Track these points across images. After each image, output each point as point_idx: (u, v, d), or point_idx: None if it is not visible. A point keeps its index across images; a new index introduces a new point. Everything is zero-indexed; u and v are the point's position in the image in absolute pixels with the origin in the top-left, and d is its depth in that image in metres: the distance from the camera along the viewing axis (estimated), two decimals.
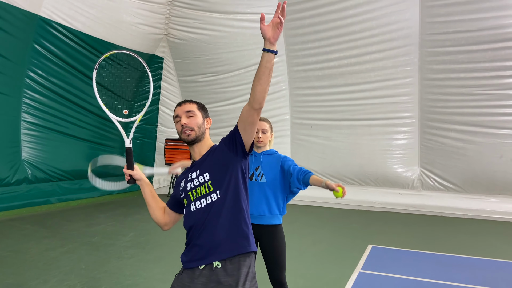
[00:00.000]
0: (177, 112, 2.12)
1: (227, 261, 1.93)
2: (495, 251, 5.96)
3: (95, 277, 4.45)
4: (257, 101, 1.85)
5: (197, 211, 1.98)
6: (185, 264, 2.02)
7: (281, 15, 1.79)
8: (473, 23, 8.35)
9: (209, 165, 2.01)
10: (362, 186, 9.85)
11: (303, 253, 5.59)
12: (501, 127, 8.53)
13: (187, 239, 2.06)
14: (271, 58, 1.82)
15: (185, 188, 2.06)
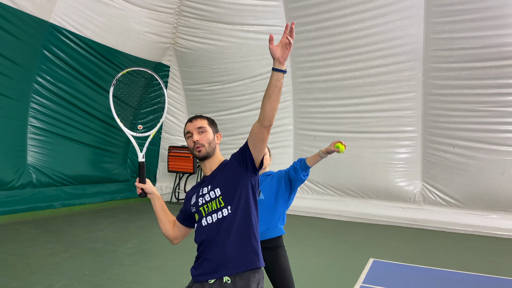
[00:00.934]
0: (188, 128, 2.17)
1: (236, 276, 1.98)
2: (495, 268, 5.97)
3: (98, 283, 4.50)
4: (267, 119, 1.91)
5: (209, 226, 2.03)
6: (195, 278, 2.06)
7: (289, 36, 1.85)
8: (477, 40, 8.44)
9: (220, 180, 2.07)
10: (363, 198, 9.88)
11: (305, 266, 5.62)
12: (504, 144, 8.57)
13: (198, 253, 2.11)
14: (281, 77, 1.88)
15: (196, 203, 2.11)
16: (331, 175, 10.13)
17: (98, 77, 9.57)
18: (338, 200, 10.07)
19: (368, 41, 9.28)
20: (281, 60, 1.86)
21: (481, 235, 8.45)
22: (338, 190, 10.12)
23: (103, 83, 9.72)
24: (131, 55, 10.05)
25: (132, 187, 11.26)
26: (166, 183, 11.84)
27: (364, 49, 9.35)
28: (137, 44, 10.05)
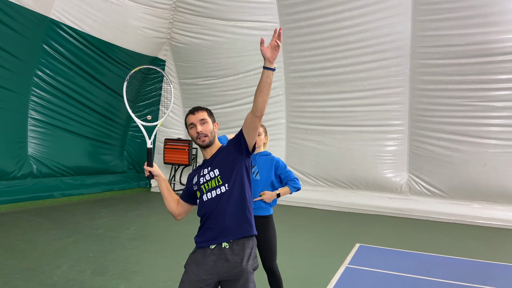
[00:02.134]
0: (191, 120, 2.47)
1: (233, 242, 2.33)
2: (474, 252, 6.40)
3: (103, 264, 4.83)
4: (259, 110, 2.25)
5: (209, 201, 2.37)
6: (198, 244, 2.40)
7: (277, 39, 2.17)
8: (461, 38, 8.83)
9: (218, 162, 2.40)
10: (353, 189, 10.28)
11: (295, 249, 5.98)
12: (486, 137, 9.00)
13: (201, 223, 2.44)
14: (270, 74, 2.21)
15: (198, 182, 2.44)
16: (322, 167, 10.51)
17: (96, 71, 9.82)
18: (328, 191, 10.46)
19: (358, 37, 9.63)
20: (271, 60, 2.18)
21: (463, 223, 8.90)
22: (329, 182, 10.51)
23: (101, 77, 9.98)
24: (128, 49, 10.31)
25: (129, 179, 11.57)
26: None
27: (354, 45, 9.70)
28: (134, 39, 10.31)
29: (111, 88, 10.41)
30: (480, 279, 4.98)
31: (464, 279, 4.92)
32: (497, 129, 8.92)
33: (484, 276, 5.15)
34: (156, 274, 4.59)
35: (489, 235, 7.85)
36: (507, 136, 8.83)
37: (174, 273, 4.63)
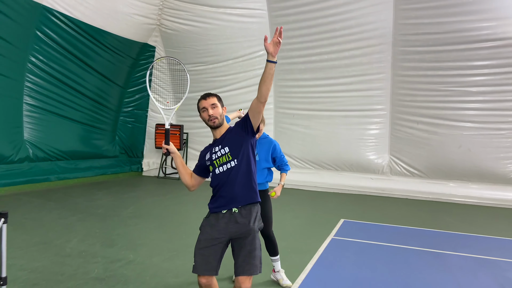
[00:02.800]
0: (203, 104, 2.85)
1: (241, 208, 2.75)
2: (447, 226, 7.00)
3: (110, 238, 5.22)
4: (263, 97, 2.65)
5: (221, 174, 2.78)
6: (212, 209, 2.81)
7: (279, 37, 2.56)
8: (440, 26, 9.32)
9: (228, 141, 2.80)
10: (338, 171, 10.82)
11: (285, 225, 6.46)
12: (461, 120, 9.60)
13: (213, 193, 2.84)
14: (273, 66, 2.60)
15: (210, 158, 2.84)
16: (308, 151, 11.00)
17: (88, 57, 10.00)
18: (315, 172, 10.98)
19: (343, 25, 10.03)
20: (273, 54, 2.57)
21: (440, 201, 9.55)
22: (315, 164, 11.02)
23: (92, 62, 10.16)
24: (119, 36, 10.49)
25: (121, 163, 11.86)
26: (153, 159, 12.46)
27: (339, 33, 10.11)
28: (125, 26, 10.48)
29: (102, 74, 10.60)
30: (451, 247, 5.55)
31: (436, 247, 5.50)
32: (471, 113, 9.52)
33: (454, 244, 5.73)
34: (160, 246, 5.00)
35: (463, 211, 8.49)
36: (481, 119, 9.45)
37: (176, 245, 5.05)
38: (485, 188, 9.48)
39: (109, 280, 3.80)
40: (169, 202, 8.06)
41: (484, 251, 5.43)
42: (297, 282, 3.97)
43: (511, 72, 9.16)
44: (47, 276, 3.84)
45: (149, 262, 4.36)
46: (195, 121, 11.57)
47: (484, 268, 4.69)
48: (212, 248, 2.72)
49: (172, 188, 9.97)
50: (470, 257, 5.12)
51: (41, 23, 8.68)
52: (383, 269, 4.49)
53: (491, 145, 9.42)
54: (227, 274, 4.02)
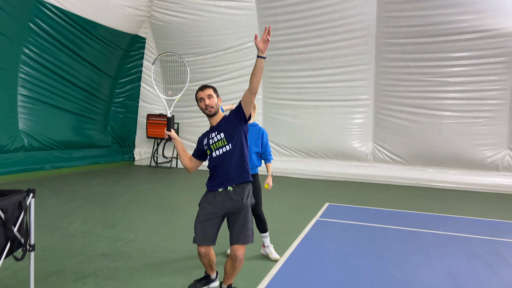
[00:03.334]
0: (200, 95, 3.20)
1: (236, 187, 3.12)
2: (425, 208, 7.50)
3: (110, 221, 5.56)
4: (254, 88, 3.01)
5: (217, 157, 3.14)
6: (209, 188, 3.18)
7: (267, 35, 2.91)
8: (420, 19, 9.75)
9: (224, 128, 3.17)
10: (324, 159, 11.27)
11: (273, 209, 6.86)
12: (441, 109, 10.10)
13: (210, 173, 3.20)
14: (262, 61, 2.95)
15: (208, 143, 3.20)
16: (296, 140, 11.42)
17: (80, 48, 10.18)
18: (302, 160, 11.41)
19: (328, 17, 10.39)
20: (263, 51, 2.92)
21: (420, 186, 10.08)
22: (302, 152, 11.44)
23: (84, 54, 10.35)
24: (110, 27, 10.67)
25: (113, 152, 12.12)
26: (145, 149, 12.74)
27: (325, 25, 10.47)
28: (115, 17, 10.67)
29: (93, 65, 10.80)
30: (426, 226, 6.04)
31: (412, 226, 5.97)
32: (450, 102, 10.02)
33: (429, 224, 6.22)
34: (157, 227, 5.37)
35: (441, 195, 9.02)
36: (459, 108, 9.96)
37: (172, 226, 5.43)
38: (462, 174, 10.04)
39: (113, 256, 4.16)
40: (163, 189, 8.40)
41: (456, 229, 5.92)
42: (284, 256, 4.38)
43: (487, 63, 9.66)
44: (55, 253, 4.18)
45: (149, 241, 4.73)
46: (186, 111, 11.87)
47: (454, 244, 5.18)
48: (210, 221, 3.10)
49: (164, 176, 10.30)
50: (443, 234, 5.61)
51: (34, 16, 8.84)
52: (362, 245, 4.93)
53: (469, 132, 9.95)
54: (221, 250, 4.42)
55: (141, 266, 3.92)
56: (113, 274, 3.68)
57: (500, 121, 9.77)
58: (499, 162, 9.85)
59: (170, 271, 3.83)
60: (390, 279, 3.86)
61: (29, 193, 2.49)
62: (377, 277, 3.91)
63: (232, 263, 3.09)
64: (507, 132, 9.81)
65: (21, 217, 2.39)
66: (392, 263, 4.34)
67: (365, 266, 4.20)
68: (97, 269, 3.80)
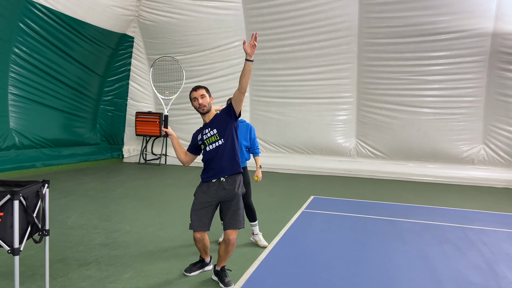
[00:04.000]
0: (194, 95, 3.50)
1: (228, 177, 3.45)
2: (404, 200, 7.94)
3: (105, 214, 5.82)
4: (243, 88, 3.33)
5: (211, 151, 3.46)
6: (204, 179, 3.49)
7: (254, 41, 3.23)
8: (400, 20, 10.19)
9: (216, 124, 3.48)
10: (309, 154, 11.66)
11: (261, 202, 7.19)
12: (420, 106, 10.58)
13: (204, 166, 3.51)
14: (251, 64, 3.27)
15: (202, 138, 3.50)
16: (282, 136, 11.78)
17: (69, 47, 10.34)
18: (288, 156, 11.78)
19: (312, 18, 10.76)
20: (250, 55, 3.24)
21: (400, 179, 10.55)
22: (288, 148, 11.81)
23: (73, 53, 10.51)
24: (99, 27, 10.84)
25: (102, 150, 12.30)
26: (134, 146, 12.94)
27: (310, 25, 10.84)
28: (104, 17, 10.84)
29: (82, 64, 10.96)
30: (403, 215, 6.46)
31: (391, 216, 6.39)
32: (429, 99, 10.51)
33: (407, 213, 6.65)
34: (152, 219, 5.65)
35: (420, 188, 9.49)
36: (437, 105, 10.45)
37: (166, 218, 5.72)
38: (440, 167, 10.54)
39: (112, 245, 4.44)
40: (153, 185, 8.66)
41: (431, 218, 6.36)
42: (272, 243, 4.73)
43: (463, 62, 10.15)
44: (57, 243, 4.44)
45: (145, 232, 5.02)
46: (175, 109, 12.10)
47: (428, 231, 5.60)
48: (204, 209, 3.42)
49: (153, 173, 10.54)
50: (418, 223, 6.03)
51: (24, 16, 8.97)
52: (344, 233, 5.31)
53: (446, 128, 10.46)
54: (213, 238, 4.73)
55: (139, 254, 4.22)
56: (113, 261, 3.97)
57: (475, 117, 10.29)
58: (474, 156, 10.38)
59: (167, 258, 4.14)
60: (368, 262, 4.24)
61: (44, 184, 2.77)
62: (357, 260, 4.28)
63: (225, 247, 3.42)
64: (482, 128, 10.34)
65: (38, 204, 2.66)
66: (371, 248, 4.72)
67: (346, 251, 4.57)
68: (98, 256, 4.08)
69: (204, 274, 3.74)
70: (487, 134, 10.30)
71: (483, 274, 4.03)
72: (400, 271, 4.02)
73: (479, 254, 4.65)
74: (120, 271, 3.72)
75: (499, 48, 9.79)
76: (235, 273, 3.73)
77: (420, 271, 4.03)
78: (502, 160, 10.22)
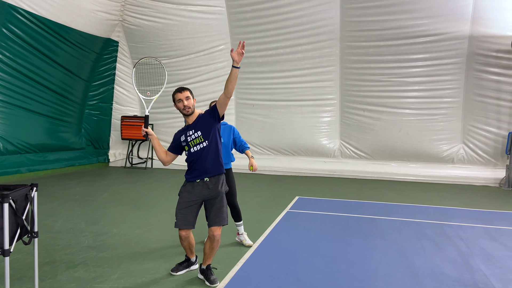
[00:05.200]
0: (179, 97, 3.61)
1: (211, 177, 3.58)
2: (386, 198, 8.16)
3: (93, 218, 5.87)
4: (229, 93, 3.46)
5: (195, 152, 3.57)
6: (188, 179, 3.59)
7: (242, 49, 3.36)
8: (381, 23, 10.46)
9: (200, 126, 3.60)
10: (294, 156, 11.84)
11: (247, 203, 7.32)
12: (401, 107, 10.86)
13: (189, 166, 3.62)
14: (237, 71, 3.39)
15: (186, 140, 3.60)
16: (267, 138, 11.94)
17: (53, 52, 10.32)
18: (274, 158, 11.94)
19: (295, 22, 10.97)
20: (238, 62, 3.36)
21: (383, 179, 10.80)
22: (274, 150, 11.98)
23: (57, 58, 10.49)
24: (83, 31, 10.84)
25: (88, 154, 12.27)
26: (119, 150, 12.94)
27: (293, 29, 11.04)
28: (88, 22, 10.85)
29: (67, 69, 10.94)
30: (384, 213, 6.66)
31: (372, 214, 6.59)
32: (409, 100, 10.80)
33: (388, 211, 6.85)
34: (138, 221, 5.73)
35: (402, 187, 9.74)
36: (418, 106, 10.75)
37: (152, 220, 5.80)
38: (421, 167, 10.83)
39: (100, 247, 4.52)
40: (139, 188, 8.71)
41: (411, 215, 6.58)
42: (257, 242, 4.86)
43: (442, 64, 10.48)
44: (44, 247, 4.49)
45: (132, 234, 5.10)
46: (160, 113, 12.16)
47: (408, 227, 5.80)
48: (189, 208, 3.54)
49: (140, 176, 10.58)
50: (399, 220, 6.24)
51: (7, 21, 8.94)
52: (327, 231, 5.48)
53: (426, 128, 10.76)
54: (199, 239, 4.84)
55: (126, 255, 4.30)
56: (101, 262, 4.05)
57: (454, 117, 10.62)
58: (454, 155, 10.70)
59: (154, 258, 4.23)
60: (349, 258, 4.41)
61: (33, 187, 2.85)
62: (338, 255, 4.44)
63: (210, 243, 3.54)
64: (461, 128, 10.67)
65: (27, 207, 2.74)
66: (352, 245, 4.89)
67: (328, 248, 4.73)
68: (86, 259, 4.15)
69: (191, 273, 3.86)
70: (466, 134, 10.63)
71: (458, 267, 4.23)
72: (379, 266, 4.20)
73: (455, 249, 4.86)
74: (108, 272, 3.80)
75: (475, 50, 10.13)
76: (221, 272, 3.85)
77: (398, 266, 4.21)
78: (480, 158, 10.56)
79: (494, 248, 4.92)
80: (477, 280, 3.88)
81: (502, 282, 3.85)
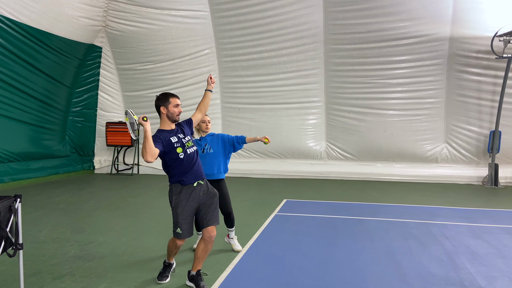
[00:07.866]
0: (178, 101, 3.58)
1: (204, 180, 3.65)
2: (373, 199, 8.24)
3: (78, 226, 5.79)
4: (204, 112, 3.80)
5: (191, 154, 3.58)
6: (186, 182, 3.51)
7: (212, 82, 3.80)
8: (363, 26, 10.59)
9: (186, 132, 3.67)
10: (281, 158, 11.88)
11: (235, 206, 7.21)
12: (385, 108, 11.00)
13: (183, 169, 3.50)
14: (210, 94, 3.81)
15: (180, 141, 3.54)
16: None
17: (35, 59, 10.16)
18: (261, 161, 11.96)
19: (279, 26, 11.02)
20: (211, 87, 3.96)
21: (369, 180, 10.91)
22: (261, 153, 11.99)
23: (39, 64, 10.34)
24: (65, 38, 10.71)
25: (72, 162, 12.10)
26: (105, 157, 12.79)
27: (277, 32, 11.10)
28: (71, 28, 10.73)
29: (49, 75, 10.79)
30: (371, 214, 6.73)
31: (359, 215, 6.65)
32: (393, 102, 10.94)
33: (375, 212, 6.93)
34: (125, 229, 5.67)
35: (388, 187, 9.86)
36: (401, 107, 10.90)
37: (139, 228, 5.75)
38: (406, 167, 10.98)
39: (86, 257, 4.46)
40: (126, 195, 8.63)
41: (397, 216, 6.66)
42: (246, 247, 4.86)
43: (424, 65, 10.65)
44: (30, 258, 4.41)
45: (118, 242, 5.04)
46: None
47: (395, 227, 5.87)
48: (191, 216, 3.60)
49: (126, 183, 10.48)
50: (385, 220, 6.31)
51: None
52: (315, 233, 5.51)
53: (410, 129, 10.91)
54: (188, 246, 4.82)
55: (113, 264, 4.25)
56: (88, 272, 4.00)
57: (437, 117, 10.80)
58: (438, 154, 10.87)
59: (141, 266, 4.20)
60: (337, 259, 4.44)
61: (17, 198, 2.81)
62: (327, 258, 4.47)
63: (205, 246, 3.58)
64: (444, 128, 10.85)
65: (11, 219, 2.70)
66: (340, 246, 4.93)
67: (317, 250, 4.76)
68: (72, 269, 4.09)
69: (179, 281, 3.83)
70: (449, 133, 10.82)
71: (444, 266, 4.30)
72: (367, 267, 4.24)
73: (441, 247, 4.94)
74: (95, 282, 3.75)
75: (456, 51, 10.33)
76: (210, 278, 3.84)
77: (385, 266, 4.26)
78: (463, 157, 10.76)
79: (478, 246, 5.02)
80: (463, 278, 3.95)
81: (487, 279, 3.93)
